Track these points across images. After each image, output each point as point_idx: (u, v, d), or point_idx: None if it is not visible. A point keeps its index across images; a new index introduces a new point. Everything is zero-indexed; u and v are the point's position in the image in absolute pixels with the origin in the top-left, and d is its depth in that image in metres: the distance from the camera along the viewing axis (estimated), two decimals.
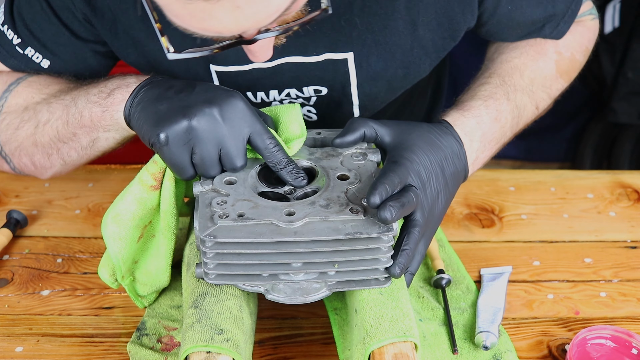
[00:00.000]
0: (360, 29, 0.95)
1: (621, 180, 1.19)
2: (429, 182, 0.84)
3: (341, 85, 1.01)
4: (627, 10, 2.20)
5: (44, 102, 0.95)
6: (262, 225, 0.76)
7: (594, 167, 2.50)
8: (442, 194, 0.86)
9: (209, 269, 0.78)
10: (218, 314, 0.76)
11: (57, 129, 0.93)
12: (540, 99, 1.03)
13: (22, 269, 0.99)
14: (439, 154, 0.86)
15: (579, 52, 1.09)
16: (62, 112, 0.92)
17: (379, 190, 0.77)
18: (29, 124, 0.95)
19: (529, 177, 1.20)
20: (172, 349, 0.85)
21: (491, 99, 0.96)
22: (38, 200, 1.13)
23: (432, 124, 0.91)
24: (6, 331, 0.89)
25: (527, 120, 1.03)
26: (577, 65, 1.10)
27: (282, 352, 0.87)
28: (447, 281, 0.94)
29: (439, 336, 0.88)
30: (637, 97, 2.24)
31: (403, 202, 0.77)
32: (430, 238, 0.86)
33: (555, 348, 0.88)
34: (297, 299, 0.79)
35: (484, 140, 0.94)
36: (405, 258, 0.79)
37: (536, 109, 1.03)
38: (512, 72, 1.01)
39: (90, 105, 0.89)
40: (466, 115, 0.94)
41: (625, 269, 1.01)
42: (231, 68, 0.97)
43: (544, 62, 1.04)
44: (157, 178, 0.84)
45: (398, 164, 0.82)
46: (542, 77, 1.03)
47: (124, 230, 0.83)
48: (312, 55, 0.96)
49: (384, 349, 0.74)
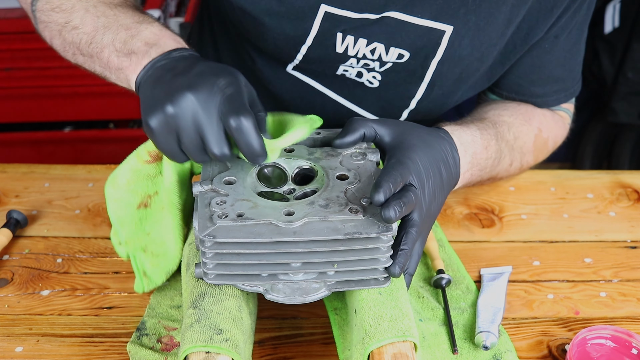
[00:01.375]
0: (468, 7, 0.95)
1: (621, 180, 1.19)
2: (427, 183, 0.84)
3: (425, 56, 1.01)
4: (627, 10, 2.20)
5: (81, 5, 0.93)
6: (262, 225, 0.76)
7: (594, 167, 2.51)
8: (438, 196, 0.86)
9: (208, 269, 0.78)
10: (217, 314, 0.76)
11: (80, 40, 0.92)
12: (514, 159, 1.05)
13: (22, 269, 0.99)
14: (438, 156, 0.87)
15: (552, 140, 1.12)
16: (91, 30, 0.91)
17: (384, 188, 0.77)
18: (61, 15, 0.94)
19: (529, 177, 1.20)
20: (172, 349, 0.85)
21: (485, 131, 0.99)
22: (38, 200, 1.13)
23: (431, 128, 0.91)
24: (6, 331, 0.89)
25: (500, 172, 1.04)
26: (545, 151, 1.12)
27: (282, 352, 0.87)
28: (447, 281, 0.94)
29: (438, 336, 0.88)
30: (637, 97, 2.24)
31: (404, 201, 0.77)
32: (425, 239, 0.86)
33: (555, 348, 0.88)
34: (297, 299, 0.79)
35: (474, 158, 0.95)
36: (404, 257, 0.79)
37: (510, 166, 1.05)
38: (502, 124, 1.03)
39: (111, 49, 0.88)
40: (464, 130, 0.95)
41: (625, 269, 1.01)
42: (343, 12, 0.96)
43: (527, 129, 1.07)
44: (152, 155, 0.88)
45: (400, 163, 0.82)
46: (522, 141, 1.06)
47: (119, 193, 0.88)
48: (417, 16, 0.96)
49: (383, 349, 0.74)
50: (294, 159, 0.86)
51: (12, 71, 2.04)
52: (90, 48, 0.91)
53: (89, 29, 0.91)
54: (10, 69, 2.04)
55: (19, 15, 1.98)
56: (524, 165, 1.09)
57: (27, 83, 2.05)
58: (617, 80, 2.24)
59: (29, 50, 1.99)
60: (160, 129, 0.77)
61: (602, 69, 2.30)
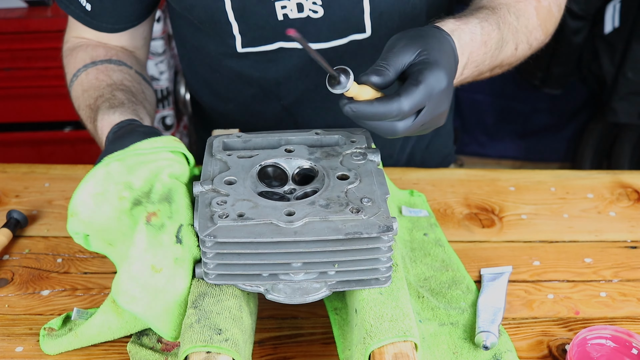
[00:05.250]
0: None
1: (621, 180, 1.19)
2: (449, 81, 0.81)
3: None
4: (627, 10, 2.20)
5: (84, 99, 1.08)
6: (262, 225, 0.76)
7: (594, 167, 2.51)
8: (446, 96, 0.82)
9: (209, 269, 0.78)
10: (217, 314, 0.76)
11: (85, 120, 1.08)
12: (520, 41, 1.03)
13: (22, 269, 0.99)
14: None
15: (555, 4, 1.09)
16: (86, 114, 1.06)
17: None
18: (79, 102, 1.10)
19: (529, 177, 1.20)
20: (172, 349, 0.85)
21: (486, 22, 0.95)
22: (38, 200, 1.13)
23: (435, 30, 0.87)
24: (6, 331, 0.89)
25: (505, 58, 1.01)
26: (552, 19, 1.09)
27: (282, 352, 0.87)
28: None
29: (438, 337, 0.88)
30: (637, 97, 2.24)
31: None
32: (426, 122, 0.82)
33: (556, 348, 0.88)
34: (297, 298, 0.79)
35: (470, 58, 0.92)
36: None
37: (515, 50, 1.02)
38: (500, 7, 1.00)
39: (93, 125, 1.04)
40: (463, 29, 0.91)
41: (625, 269, 1.01)
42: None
43: (524, 5, 1.04)
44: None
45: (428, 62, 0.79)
46: (525, 18, 1.03)
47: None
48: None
49: (384, 349, 0.74)
50: (294, 159, 0.86)
51: (12, 71, 2.04)
52: (88, 125, 1.08)
53: (84, 115, 1.09)
54: (10, 69, 2.04)
55: (19, 15, 1.98)
56: (534, 43, 1.06)
57: (27, 83, 2.06)
58: (617, 80, 2.24)
59: (29, 50, 1.99)
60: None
61: (602, 69, 2.30)
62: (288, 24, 1.08)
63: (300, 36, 0.68)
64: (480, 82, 1.06)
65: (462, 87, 1.03)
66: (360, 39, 1.10)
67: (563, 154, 2.68)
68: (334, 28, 1.09)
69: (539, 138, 2.68)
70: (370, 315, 0.76)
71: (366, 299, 0.78)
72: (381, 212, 0.78)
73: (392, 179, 1.15)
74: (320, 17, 1.07)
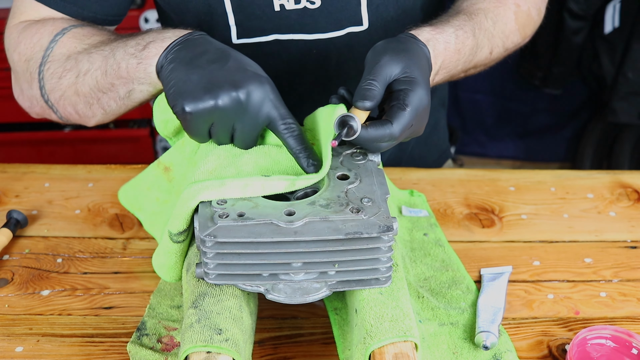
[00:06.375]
0: None
1: (621, 180, 1.19)
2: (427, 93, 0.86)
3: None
4: (627, 10, 2.20)
5: (85, 52, 0.96)
6: (262, 225, 0.76)
7: (594, 167, 2.51)
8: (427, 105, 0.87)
9: (209, 269, 0.78)
10: (217, 314, 0.76)
11: (96, 79, 0.94)
12: (495, 46, 1.06)
13: (22, 269, 0.99)
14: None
15: (534, 8, 1.12)
16: (102, 62, 0.93)
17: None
18: (71, 74, 0.96)
19: (529, 177, 1.20)
20: (172, 349, 0.85)
21: (461, 30, 0.99)
22: (38, 200, 1.13)
23: (411, 40, 0.90)
24: (6, 331, 0.89)
25: (479, 61, 1.05)
26: (532, 23, 1.12)
27: (282, 352, 0.87)
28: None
29: (438, 337, 0.88)
30: (637, 97, 2.25)
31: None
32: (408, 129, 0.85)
33: (556, 348, 0.88)
34: (297, 298, 0.79)
35: (442, 66, 0.96)
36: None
37: (490, 54, 1.06)
38: (478, 13, 1.04)
39: (127, 57, 0.90)
40: (438, 39, 0.95)
41: (625, 269, 1.01)
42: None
43: (503, 11, 1.07)
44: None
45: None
46: (502, 24, 1.06)
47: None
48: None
49: (384, 349, 0.74)
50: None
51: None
52: (108, 75, 0.92)
53: (99, 62, 0.93)
54: (10, 69, 2.03)
55: None
56: (510, 46, 1.09)
57: None
58: (617, 80, 2.25)
59: None
60: (197, 116, 0.80)
61: (602, 69, 2.30)
62: (285, 14, 1.08)
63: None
64: (481, 82, 1.07)
65: (462, 87, 1.03)
66: (357, 31, 1.11)
67: (563, 154, 2.68)
68: (331, 19, 1.10)
69: (539, 138, 2.68)
70: (371, 315, 0.76)
71: (366, 299, 0.78)
72: (381, 212, 0.78)
73: (392, 179, 1.15)
74: (317, 8, 1.08)
